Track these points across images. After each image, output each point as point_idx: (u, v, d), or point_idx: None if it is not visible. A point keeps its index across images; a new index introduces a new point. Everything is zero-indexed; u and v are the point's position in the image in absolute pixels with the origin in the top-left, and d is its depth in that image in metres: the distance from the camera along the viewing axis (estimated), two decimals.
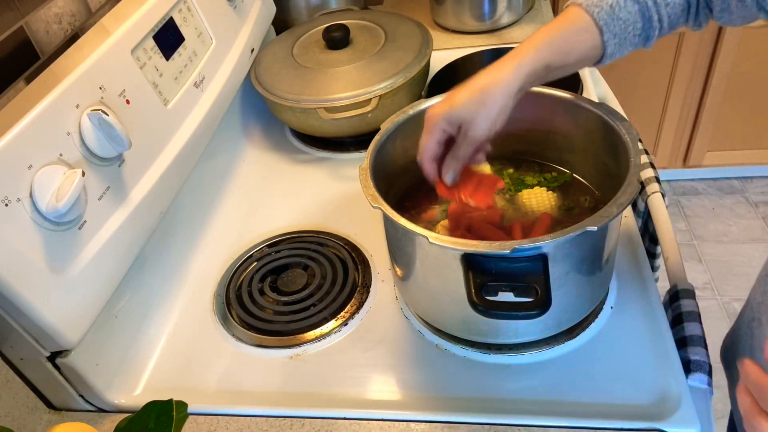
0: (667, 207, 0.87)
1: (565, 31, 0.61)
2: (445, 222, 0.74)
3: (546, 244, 0.55)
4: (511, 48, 0.63)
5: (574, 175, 0.77)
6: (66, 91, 0.60)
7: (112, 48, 0.68)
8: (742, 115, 1.94)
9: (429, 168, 0.65)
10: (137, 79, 0.71)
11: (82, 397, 0.67)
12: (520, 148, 0.79)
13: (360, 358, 0.70)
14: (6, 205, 0.53)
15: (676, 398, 0.61)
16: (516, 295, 0.57)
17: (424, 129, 0.64)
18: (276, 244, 0.87)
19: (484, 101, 0.60)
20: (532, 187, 0.76)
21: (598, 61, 0.65)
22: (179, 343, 0.76)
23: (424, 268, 0.65)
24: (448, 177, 0.65)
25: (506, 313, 0.55)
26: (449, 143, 0.65)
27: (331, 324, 0.74)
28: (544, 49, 0.61)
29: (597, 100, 0.78)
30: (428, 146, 0.64)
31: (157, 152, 0.73)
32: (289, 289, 0.79)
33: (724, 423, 0.89)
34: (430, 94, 0.99)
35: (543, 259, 0.55)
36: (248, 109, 1.12)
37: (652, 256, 0.85)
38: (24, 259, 0.54)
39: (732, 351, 0.73)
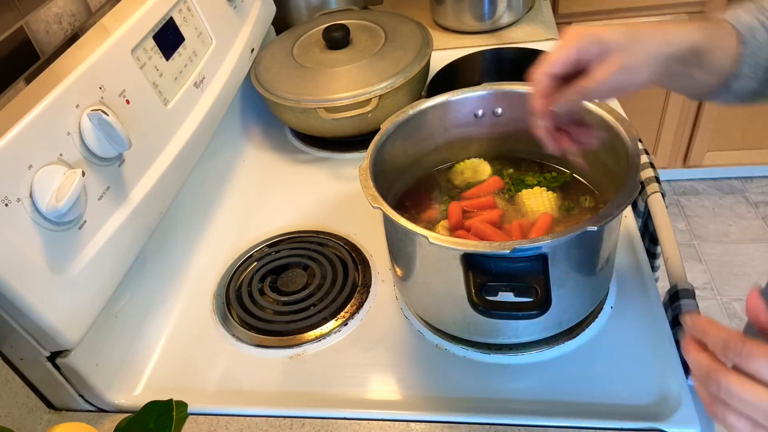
0: (667, 207, 0.87)
1: (711, 26, 0.55)
2: (445, 222, 0.74)
3: (546, 244, 0.55)
4: (512, 48, 0.63)
5: (574, 175, 0.77)
6: (66, 91, 0.60)
7: (112, 48, 0.68)
8: (742, 115, 1.94)
9: (543, 89, 0.56)
10: (137, 79, 0.71)
11: (82, 397, 0.67)
12: (520, 148, 0.80)
13: (360, 358, 0.70)
14: (6, 205, 0.53)
15: (676, 398, 0.61)
16: (516, 295, 0.57)
17: (558, 44, 0.55)
18: (276, 244, 0.87)
19: (638, 40, 0.53)
20: (532, 187, 0.76)
21: (725, 83, 0.57)
22: (179, 343, 0.76)
23: (424, 268, 0.65)
24: (561, 105, 0.56)
25: (506, 313, 0.55)
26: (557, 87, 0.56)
27: (331, 324, 0.74)
28: (694, 32, 0.54)
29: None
30: (557, 60, 0.54)
31: (157, 152, 0.73)
32: (289, 289, 0.79)
33: None
34: (430, 94, 0.99)
35: (543, 259, 0.55)
36: (248, 109, 1.12)
37: (652, 256, 0.85)
38: (24, 259, 0.54)
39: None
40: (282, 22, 1.26)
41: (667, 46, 0.53)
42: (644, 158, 0.95)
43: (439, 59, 1.09)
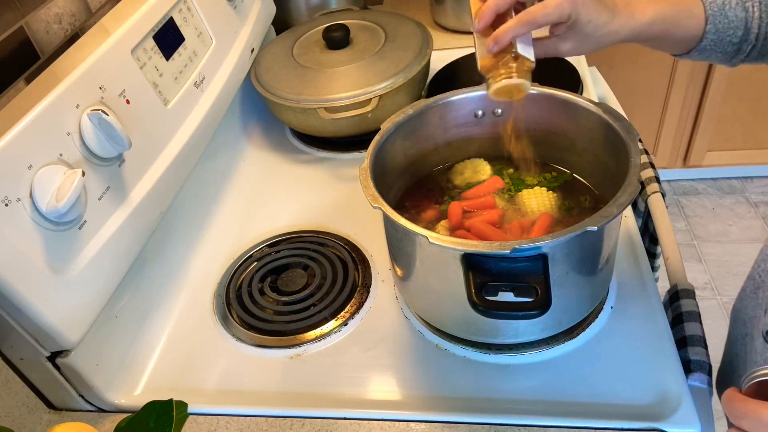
0: (667, 207, 0.87)
1: (679, 12, 0.61)
2: (445, 222, 0.74)
3: (546, 244, 0.55)
4: None
5: (574, 175, 0.77)
6: (66, 91, 0.60)
7: (112, 48, 0.68)
8: (742, 115, 1.94)
9: (494, 6, 0.59)
10: (137, 79, 0.71)
11: (82, 397, 0.67)
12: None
13: (360, 358, 0.70)
14: (6, 205, 0.53)
15: (676, 398, 0.61)
16: (516, 295, 0.57)
17: None
18: (276, 244, 0.87)
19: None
20: (532, 187, 0.76)
21: (685, 53, 0.64)
22: (179, 343, 0.76)
23: (424, 268, 0.65)
24: (507, 36, 0.58)
25: (506, 313, 0.55)
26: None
27: (331, 324, 0.74)
28: (656, 25, 0.60)
29: (597, 100, 0.78)
30: None
31: (157, 152, 0.73)
32: (289, 289, 0.79)
33: (724, 423, 0.88)
34: (430, 94, 0.99)
35: (543, 259, 0.55)
36: (248, 109, 1.12)
37: (652, 256, 0.85)
38: (24, 259, 0.54)
39: (728, 374, 0.72)
40: (282, 22, 1.26)
41: (628, 21, 0.59)
42: (644, 158, 0.95)
43: (439, 59, 1.09)
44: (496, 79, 0.60)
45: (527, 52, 0.60)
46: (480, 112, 0.76)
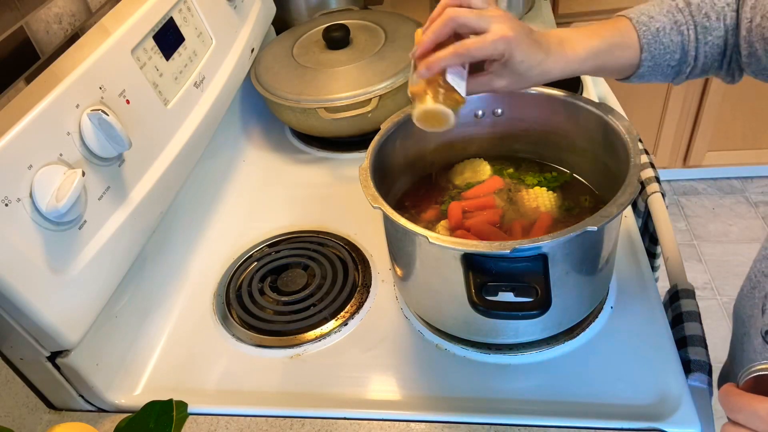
0: (667, 207, 0.87)
1: (612, 46, 0.62)
2: (445, 222, 0.74)
3: (546, 244, 0.55)
4: None
5: (574, 175, 0.77)
6: (66, 91, 0.60)
7: (112, 48, 0.68)
8: (742, 115, 1.94)
9: (432, 35, 0.58)
10: (137, 79, 0.71)
11: (82, 397, 0.67)
12: (520, 148, 0.80)
13: (360, 358, 0.70)
14: (6, 205, 0.53)
15: (676, 398, 0.61)
16: (516, 295, 0.57)
17: None
18: (276, 244, 0.87)
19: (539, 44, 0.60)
20: (532, 187, 0.76)
21: (625, 78, 0.65)
22: (179, 344, 0.76)
23: (424, 268, 0.65)
24: (438, 63, 0.57)
25: (506, 313, 0.55)
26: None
27: (331, 324, 0.74)
28: (589, 60, 0.62)
29: (597, 100, 0.78)
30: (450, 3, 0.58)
31: (157, 152, 0.73)
32: (289, 289, 0.79)
33: (725, 422, 0.89)
34: None
35: (543, 259, 0.55)
36: (248, 109, 1.12)
37: (652, 256, 0.85)
38: (24, 259, 0.54)
39: (729, 373, 0.73)
40: (282, 22, 1.26)
41: (564, 67, 0.61)
42: (644, 158, 0.95)
43: None
44: (420, 102, 0.60)
45: (458, 86, 0.59)
46: (480, 112, 0.76)
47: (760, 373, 0.42)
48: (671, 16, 0.61)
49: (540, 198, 0.74)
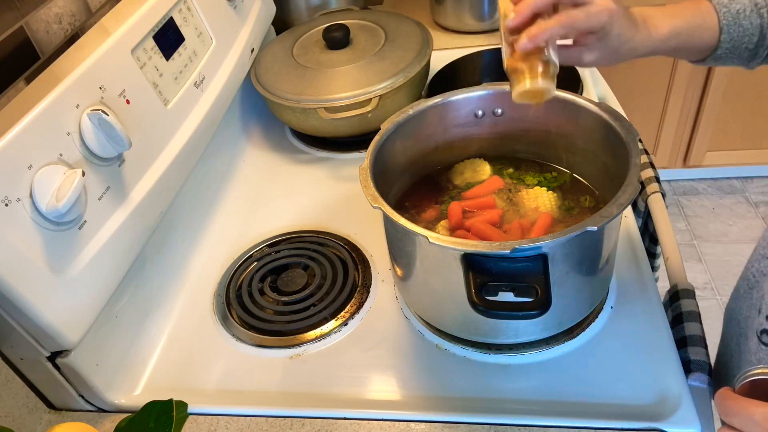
0: (667, 207, 0.87)
1: (693, 27, 0.62)
2: (445, 222, 0.74)
3: (546, 244, 0.55)
4: None
5: (574, 175, 0.77)
6: (66, 91, 0.60)
7: (112, 48, 0.68)
8: (742, 115, 1.94)
9: (533, 5, 0.56)
10: (137, 79, 0.71)
11: (82, 397, 0.67)
12: (520, 148, 0.80)
13: (360, 358, 0.70)
14: (6, 205, 0.53)
15: (676, 398, 0.61)
16: (516, 295, 0.57)
17: None
18: (276, 244, 0.87)
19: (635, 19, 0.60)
20: (532, 187, 0.76)
21: (701, 60, 0.65)
22: (179, 344, 0.76)
23: (424, 268, 0.65)
24: (544, 35, 0.56)
25: (506, 313, 0.55)
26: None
27: (331, 324, 0.74)
28: (671, 40, 0.61)
29: (597, 100, 0.78)
30: None
31: (157, 152, 0.73)
32: (289, 289, 0.79)
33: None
34: (430, 94, 0.99)
35: (543, 259, 0.55)
36: (248, 109, 1.12)
37: (652, 256, 0.85)
38: (24, 259, 0.54)
39: (722, 374, 0.73)
40: (282, 22, 1.26)
41: (647, 36, 0.61)
42: (644, 158, 0.95)
43: (439, 59, 1.09)
44: (521, 80, 0.58)
45: (555, 56, 0.58)
46: (480, 112, 0.76)
47: (756, 377, 0.42)
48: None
49: (540, 198, 0.74)
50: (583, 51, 0.60)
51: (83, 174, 0.57)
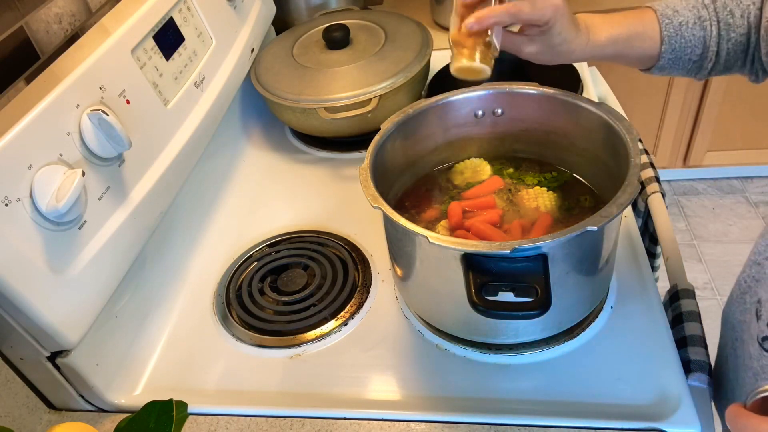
0: (667, 207, 0.87)
1: (633, 36, 0.64)
2: (445, 222, 0.74)
3: (546, 244, 0.55)
4: None
5: (574, 175, 0.77)
6: (66, 91, 0.60)
7: (112, 48, 0.68)
8: (742, 115, 1.94)
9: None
10: (137, 79, 0.71)
11: (82, 397, 0.67)
12: (520, 148, 0.80)
13: (360, 358, 0.70)
14: (6, 205, 0.53)
15: (676, 398, 0.61)
16: (516, 295, 0.57)
17: None
18: (276, 244, 0.87)
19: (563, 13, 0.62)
20: (532, 187, 0.76)
21: (647, 69, 0.67)
22: (179, 343, 0.76)
23: (424, 268, 0.65)
24: (489, 20, 0.60)
25: (506, 313, 0.55)
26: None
27: (331, 324, 0.74)
28: (608, 47, 0.64)
29: (597, 100, 0.78)
30: None
31: (157, 152, 0.73)
32: (289, 289, 0.79)
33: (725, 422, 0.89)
34: (430, 94, 0.99)
35: (543, 259, 0.55)
36: (248, 109, 1.12)
37: (652, 256, 0.85)
38: (24, 259, 0.54)
39: (720, 377, 0.73)
40: (282, 22, 1.26)
41: (586, 39, 0.63)
42: (644, 158, 0.95)
43: (439, 59, 1.09)
44: (461, 56, 0.63)
45: (497, 40, 0.62)
46: (480, 112, 0.76)
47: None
48: (696, 12, 0.63)
49: (540, 198, 0.74)
50: (524, 41, 0.63)
51: (83, 174, 0.57)
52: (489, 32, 0.61)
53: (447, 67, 1.09)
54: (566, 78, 1.01)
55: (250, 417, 0.65)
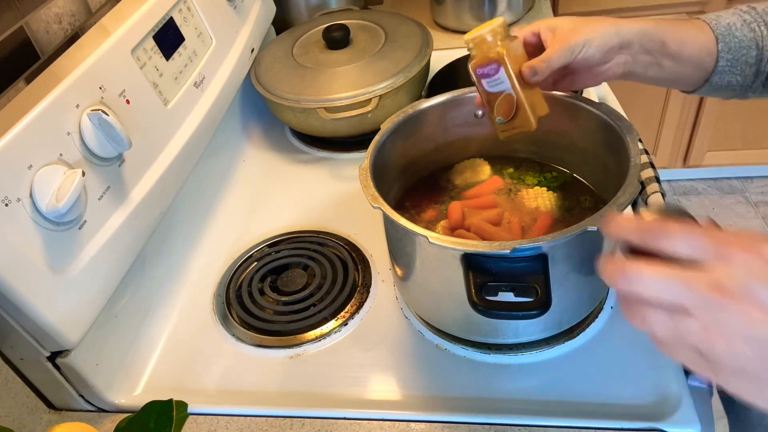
0: None
1: (680, 24, 0.62)
2: (445, 222, 0.74)
3: (546, 244, 0.55)
4: None
5: (574, 175, 0.77)
6: (66, 91, 0.60)
7: (112, 48, 0.68)
8: (742, 115, 1.94)
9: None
10: (137, 79, 0.71)
11: (82, 397, 0.67)
12: (520, 148, 0.80)
13: (360, 358, 0.70)
14: (6, 205, 0.53)
15: (676, 398, 0.61)
16: (516, 295, 0.57)
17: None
18: (276, 244, 0.87)
19: (586, 22, 0.62)
20: (532, 187, 0.76)
21: (708, 77, 0.64)
22: (179, 343, 0.76)
23: (424, 268, 0.65)
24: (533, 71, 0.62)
25: (506, 313, 0.55)
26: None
27: (331, 324, 0.74)
28: (648, 23, 0.62)
29: (597, 100, 0.78)
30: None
31: (157, 152, 0.73)
32: (289, 289, 0.79)
33: (725, 423, 0.88)
34: (430, 94, 0.99)
35: (543, 259, 0.55)
36: (248, 109, 1.12)
37: None
38: (24, 259, 0.54)
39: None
40: (282, 22, 1.26)
41: (615, 28, 0.61)
42: (644, 158, 0.94)
43: (439, 59, 1.09)
44: (527, 113, 0.65)
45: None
46: (480, 112, 0.76)
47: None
48: (739, 16, 0.62)
49: (540, 198, 0.74)
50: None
51: (83, 174, 0.57)
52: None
53: (447, 67, 1.09)
54: None
55: (250, 417, 0.65)
